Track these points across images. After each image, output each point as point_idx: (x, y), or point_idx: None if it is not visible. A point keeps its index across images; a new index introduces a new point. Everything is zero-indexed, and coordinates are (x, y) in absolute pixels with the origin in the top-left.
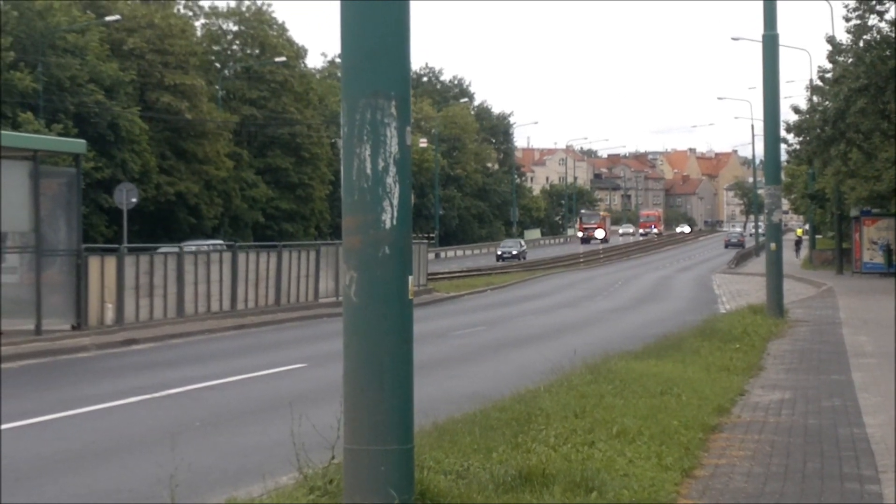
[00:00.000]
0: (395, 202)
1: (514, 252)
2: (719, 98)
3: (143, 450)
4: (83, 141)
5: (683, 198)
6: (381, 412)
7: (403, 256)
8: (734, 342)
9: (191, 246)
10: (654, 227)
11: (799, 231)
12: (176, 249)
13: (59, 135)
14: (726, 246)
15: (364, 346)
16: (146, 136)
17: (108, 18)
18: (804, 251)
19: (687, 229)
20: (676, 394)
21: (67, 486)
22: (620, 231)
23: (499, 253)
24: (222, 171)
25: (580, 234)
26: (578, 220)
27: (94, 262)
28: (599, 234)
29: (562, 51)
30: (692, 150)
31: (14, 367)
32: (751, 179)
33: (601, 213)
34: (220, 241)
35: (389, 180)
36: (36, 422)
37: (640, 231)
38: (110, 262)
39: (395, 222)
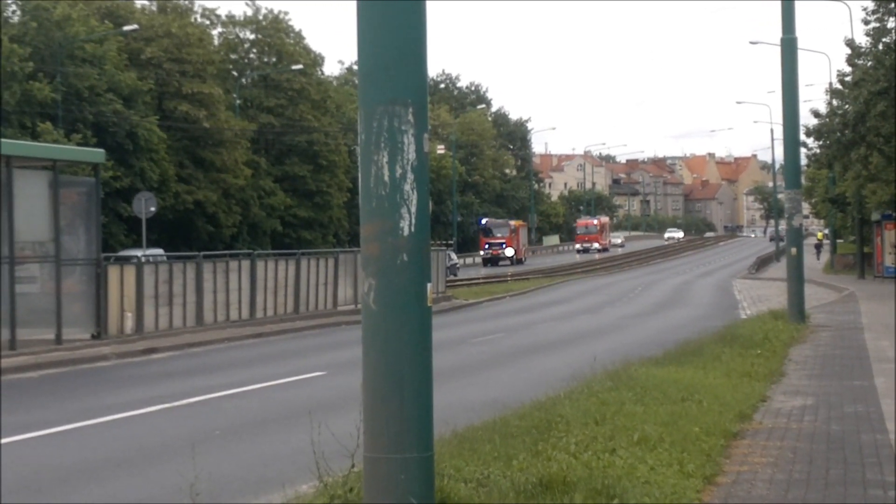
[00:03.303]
0: (413, 209)
1: None
2: (738, 102)
3: (164, 458)
4: (102, 150)
5: (703, 203)
6: (400, 420)
7: (422, 263)
8: (755, 348)
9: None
10: (595, 241)
11: (819, 235)
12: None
13: (78, 144)
14: (770, 240)
15: (383, 353)
16: (164, 145)
17: (125, 28)
18: (825, 255)
19: (678, 235)
20: (697, 400)
21: (89, 495)
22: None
23: None
24: (240, 180)
25: (481, 253)
26: (480, 234)
27: (113, 271)
28: (509, 252)
29: (579, 56)
30: (711, 155)
31: (35, 377)
32: (770, 184)
33: (512, 222)
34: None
35: (407, 187)
36: (57, 431)
37: (576, 247)
38: (129, 271)
39: (413, 229)
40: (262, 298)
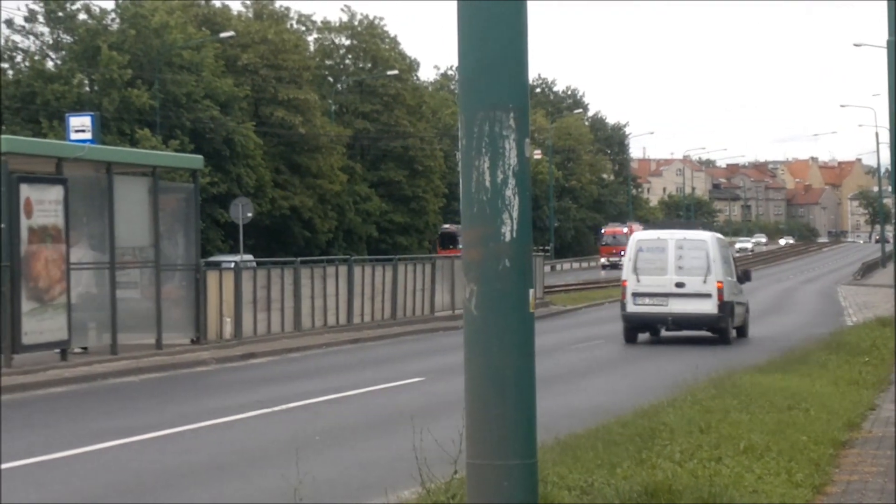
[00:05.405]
0: (515, 215)
1: None
2: (842, 105)
3: (266, 463)
4: (200, 157)
5: (806, 208)
6: (503, 426)
7: (524, 269)
8: (863, 355)
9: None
10: (624, 252)
11: None
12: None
13: (176, 150)
14: (876, 241)
15: (485, 359)
16: (261, 151)
17: (222, 35)
18: None
19: (754, 241)
20: (804, 408)
21: (192, 498)
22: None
23: None
24: (336, 185)
25: None
26: (437, 242)
27: (212, 277)
28: None
29: (678, 59)
30: (814, 159)
31: (136, 381)
32: (876, 188)
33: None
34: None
35: (509, 192)
36: (159, 435)
37: (601, 261)
38: (228, 277)
39: (514, 235)
40: (359, 304)
